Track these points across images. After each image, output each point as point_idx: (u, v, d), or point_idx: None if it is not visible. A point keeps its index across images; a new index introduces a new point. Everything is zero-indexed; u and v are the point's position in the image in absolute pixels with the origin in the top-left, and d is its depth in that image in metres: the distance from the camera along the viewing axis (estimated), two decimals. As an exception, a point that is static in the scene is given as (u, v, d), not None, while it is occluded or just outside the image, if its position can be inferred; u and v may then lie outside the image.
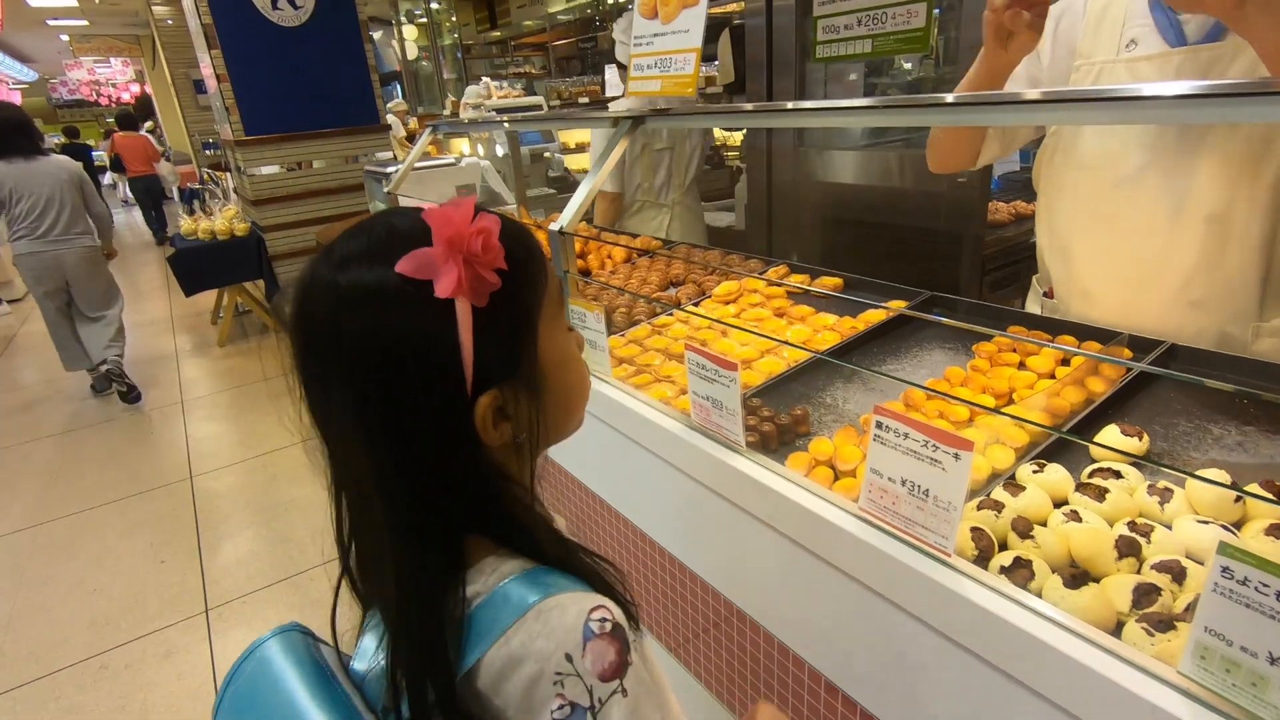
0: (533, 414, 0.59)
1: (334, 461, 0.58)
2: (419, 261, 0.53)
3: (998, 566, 0.77)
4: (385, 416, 0.53)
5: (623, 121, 1.37)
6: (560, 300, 0.64)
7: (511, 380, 0.57)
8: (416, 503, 0.55)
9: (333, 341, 0.54)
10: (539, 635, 0.52)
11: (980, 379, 1.18)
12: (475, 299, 0.54)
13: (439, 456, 0.55)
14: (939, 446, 0.76)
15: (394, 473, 0.55)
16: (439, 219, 0.54)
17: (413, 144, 3.93)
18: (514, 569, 0.56)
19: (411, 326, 0.53)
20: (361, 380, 0.53)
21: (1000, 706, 0.73)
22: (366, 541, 0.59)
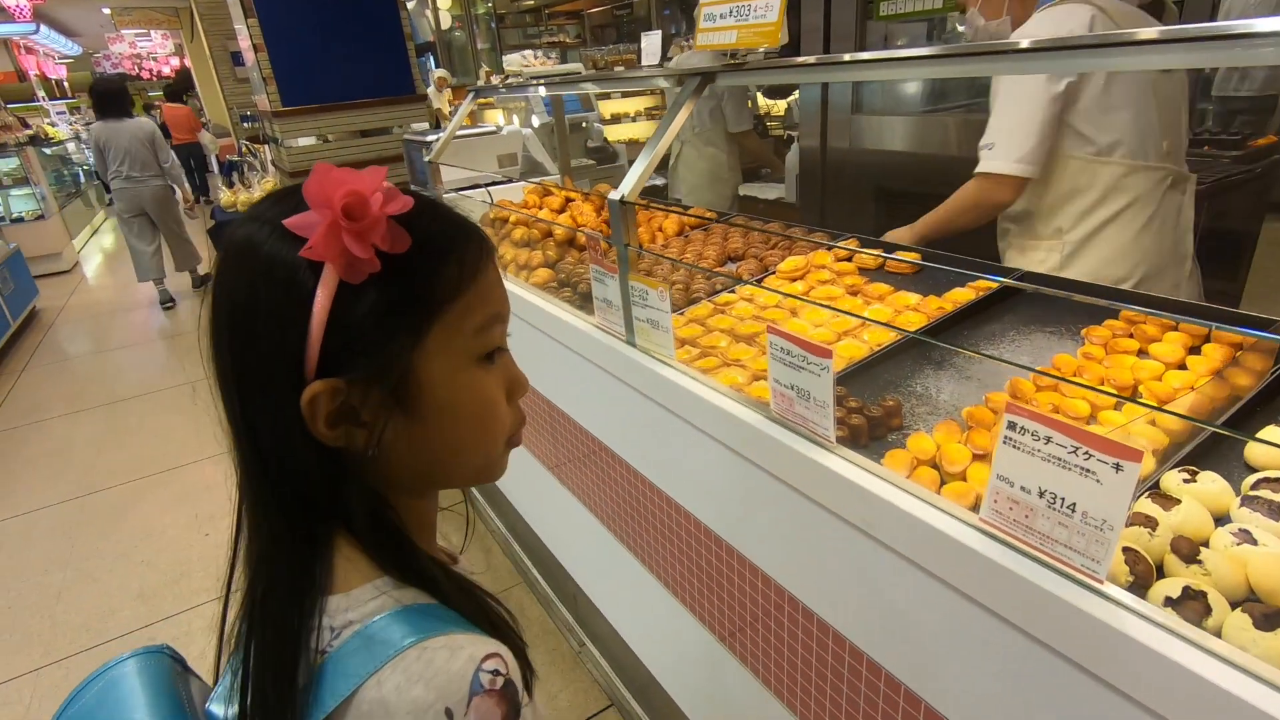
0: (387, 426, 0.52)
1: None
2: (306, 219, 0.49)
3: (1161, 597, 0.65)
4: (239, 380, 0.51)
5: (689, 79, 1.25)
6: (485, 326, 0.56)
7: (370, 381, 0.50)
8: (267, 491, 0.52)
9: (218, 295, 0.52)
10: (418, 680, 0.45)
11: (1096, 368, 1.05)
12: (346, 272, 0.49)
13: (280, 435, 0.51)
14: (1093, 454, 0.64)
15: (249, 450, 0.52)
16: (317, 175, 0.49)
17: (450, 115, 3.81)
18: (400, 600, 0.50)
19: (274, 280, 0.49)
20: (229, 337, 0.51)
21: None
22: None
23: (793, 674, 1.12)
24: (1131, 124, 1.51)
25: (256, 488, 0.52)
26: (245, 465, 0.53)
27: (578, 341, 1.50)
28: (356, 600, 0.50)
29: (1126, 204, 1.53)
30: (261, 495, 0.52)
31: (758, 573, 1.13)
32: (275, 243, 0.50)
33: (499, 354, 0.58)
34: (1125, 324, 1.15)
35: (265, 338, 0.49)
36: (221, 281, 0.51)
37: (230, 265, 0.51)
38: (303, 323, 0.48)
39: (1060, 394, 1.00)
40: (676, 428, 1.22)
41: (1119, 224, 1.55)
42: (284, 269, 0.49)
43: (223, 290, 0.51)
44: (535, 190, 2.27)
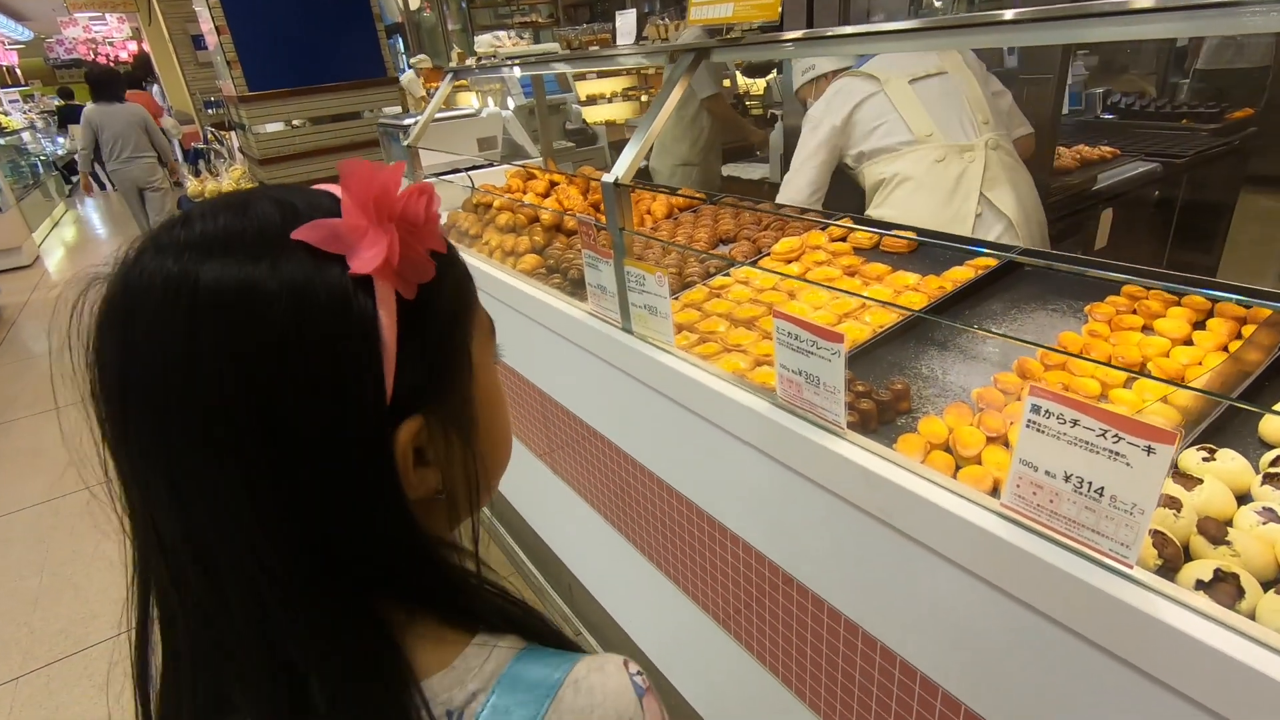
0: (467, 459, 0.46)
1: (174, 540, 0.40)
2: (329, 229, 0.39)
3: (1192, 580, 0.64)
4: (273, 464, 0.38)
5: (683, 56, 1.20)
6: (491, 328, 0.52)
7: (438, 410, 0.44)
8: (321, 581, 0.40)
9: (183, 365, 0.37)
10: (592, 711, 0.43)
11: (1103, 346, 1.03)
12: (403, 286, 0.41)
13: (354, 514, 0.41)
14: (1123, 437, 0.62)
15: (291, 538, 0.39)
16: (360, 173, 0.40)
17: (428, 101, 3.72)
18: (511, 647, 0.46)
19: (320, 316, 0.38)
20: (240, 415, 0.37)
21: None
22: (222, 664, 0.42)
23: (801, 661, 1.11)
24: (889, 130, 1.93)
25: (305, 582, 0.40)
26: (283, 558, 0.40)
27: (570, 329, 1.47)
28: (466, 670, 0.44)
29: (899, 181, 1.92)
30: (312, 588, 0.40)
31: (764, 560, 1.11)
32: (293, 269, 0.38)
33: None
34: (1128, 300, 1.14)
35: (328, 389, 0.38)
36: (204, 345, 0.37)
37: (218, 317, 0.37)
38: (374, 357, 0.39)
39: (1069, 373, 0.99)
40: (676, 415, 1.19)
41: (896, 198, 1.93)
42: (330, 298, 0.39)
43: (216, 357, 0.37)
44: (518, 174, 2.21)
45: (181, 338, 0.37)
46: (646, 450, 1.36)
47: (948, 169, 1.88)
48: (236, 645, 0.41)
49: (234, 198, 0.42)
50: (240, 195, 0.42)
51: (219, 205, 0.41)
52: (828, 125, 1.99)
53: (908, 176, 1.91)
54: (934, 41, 1.21)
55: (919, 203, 1.91)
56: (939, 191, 1.89)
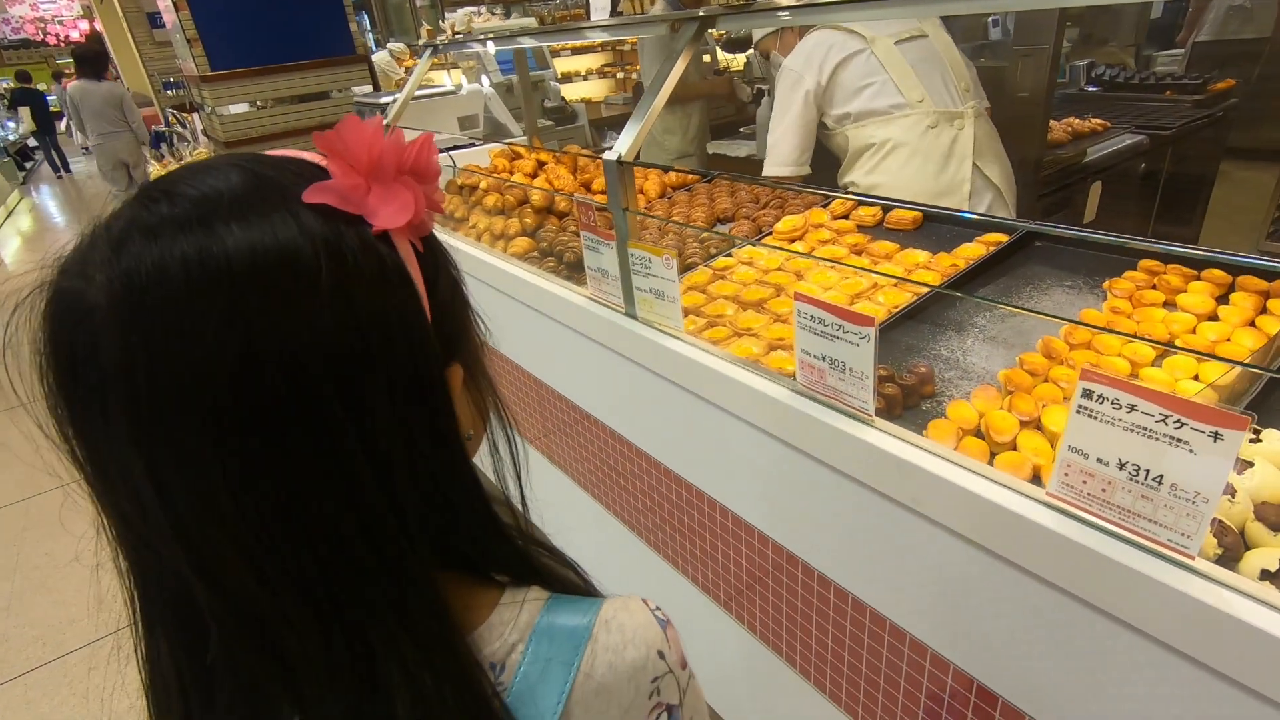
0: (493, 399, 0.50)
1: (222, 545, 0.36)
2: (334, 190, 0.37)
3: (1256, 570, 0.61)
4: (348, 429, 0.36)
5: (686, 24, 1.14)
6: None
7: (461, 356, 0.46)
8: (394, 532, 0.39)
9: (237, 353, 0.33)
10: (623, 647, 0.45)
11: (1127, 324, 1.01)
12: (417, 240, 0.41)
13: (431, 471, 0.41)
14: (1186, 423, 0.59)
15: (386, 511, 0.38)
16: (354, 130, 0.38)
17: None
18: (539, 598, 0.48)
19: (367, 280, 0.37)
20: (309, 387, 0.35)
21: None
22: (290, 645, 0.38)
23: (821, 652, 1.08)
24: (878, 92, 1.83)
25: (377, 541, 0.39)
26: (357, 513, 0.38)
27: (568, 314, 1.41)
28: (502, 624, 0.45)
29: (891, 148, 1.84)
30: (388, 546, 0.39)
31: (782, 551, 1.08)
32: (318, 226, 0.36)
33: None
34: (1146, 275, 1.11)
35: (394, 347, 0.38)
36: (253, 332, 0.33)
37: (259, 297, 0.34)
38: (419, 308, 0.40)
39: (1096, 351, 0.96)
40: (687, 403, 1.14)
41: (887, 165, 1.86)
42: (364, 254, 0.37)
43: (273, 335, 0.34)
44: (503, 153, 2.13)
45: (222, 325, 0.33)
46: (653, 439, 1.31)
47: (940, 136, 1.83)
48: (294, 638, 0.38)
49: (205, 164, 0.38)
50: (211, 161, 0.38)
51: (194, 172, 0.37)
52: (811, 81, 1.86)
53: (901, 143, 1.83)
54: (931, 7, 1.16)
55: (911, 171, 1.84)
56: (932, 160, 1.84)
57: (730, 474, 1.14)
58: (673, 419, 1.22)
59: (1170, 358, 0.93)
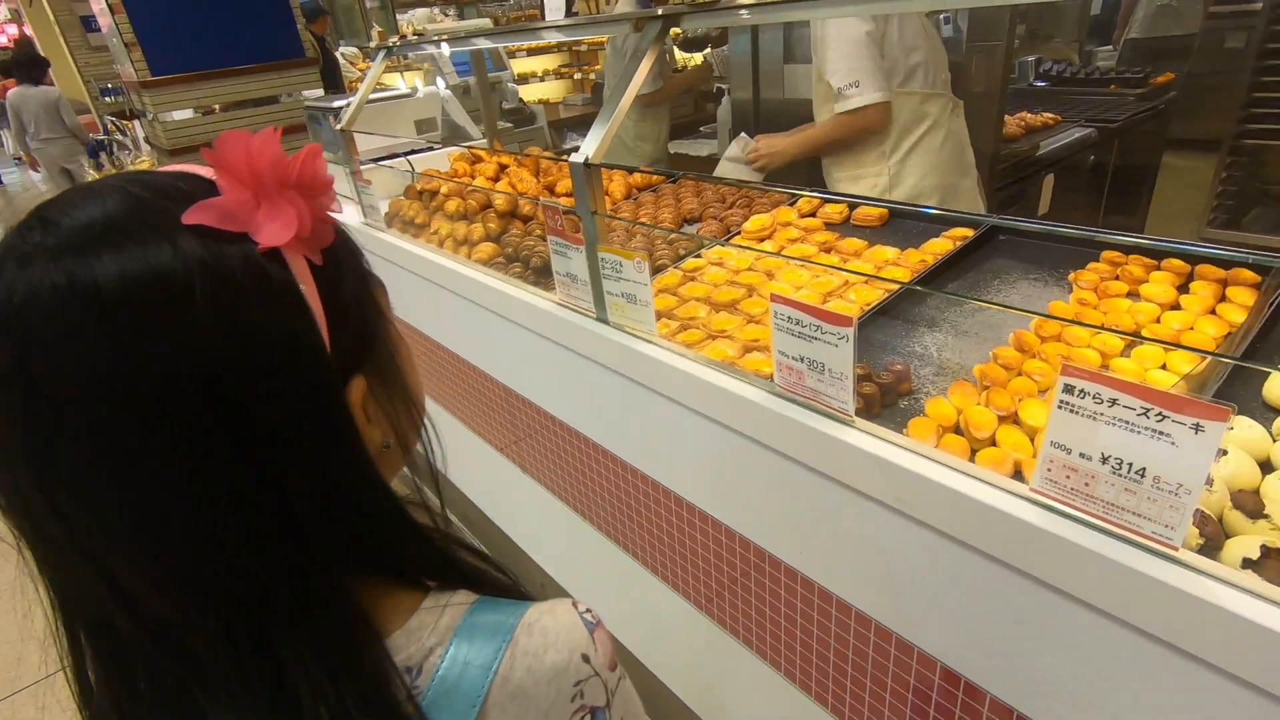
0: (405, 406, 0.49)
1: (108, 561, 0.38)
2: (218, 208, 0.37)
3: (1238, 559, 0.62)
4: (232, 455, 0.37)
5: (650, 23, 1.12)
6: (380, 281, 0.52)
7: (368, 368, 0.46)
8: (286, 552, 0.40)
9: (107, 379, 0.34)
10: (544, 651, 0.45)
11: (1094, 314, 1.02)
12: (311, 253, 0.41)
13: (326, 486, 0.41)
14: (1168, 415, 0.59)
15: (252, 519, 0.39)
16: (239, 146, 0.38)
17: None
18: (463, 602, 0.47)
19: (249, 297, 0.37)
20: (185, 414, 0.35)
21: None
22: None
23: (806, 653, 1.07)
24: (922, 60, 1.78)
25: (278, 567, 0.40)
26: (247, 537, 0.39)
27: (537, 321, 1.38)
28: (422, 626, 0.45)
29: (929, 126, 1.82)
30: (286, 572, 0.40)
31: (762, 553, 1.07)
32: (196, 250, 0.36)
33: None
34: (1109, 266, 1.13)
35: (275, 367, 0.38)
36: (121, 360, 0.34)
37: (129, 324, 0.34)
38: (310, 327, 0.39)
39: (1066, 344, 0.97)
40: (663, 408, 1.13)
41: (925, 144, 1.83)
42: (247, 274, 0.37)
43: (142, 362, 0.34)
44: (463, 157, 2.08)
45: (103, 351, 0.34)
46: (628, 445, 1.29)
47: (957, 120, 1.84)
48: (203, 648, 0.39)
49: (89, 188, 0.38)
50: (95, 185, 0.38)
51: (75, 198, 0.37)
52: (869, 22, 1.71)
53: (938, 123, 1.81)
54: (896, 4, 1.16)
55: (947, 154, 1.83)
56: (961, 143, 1.85)
57: (709, 478, 1.12)
58: (648, 424, 1.20)
59: (1138, 348, 0.94)
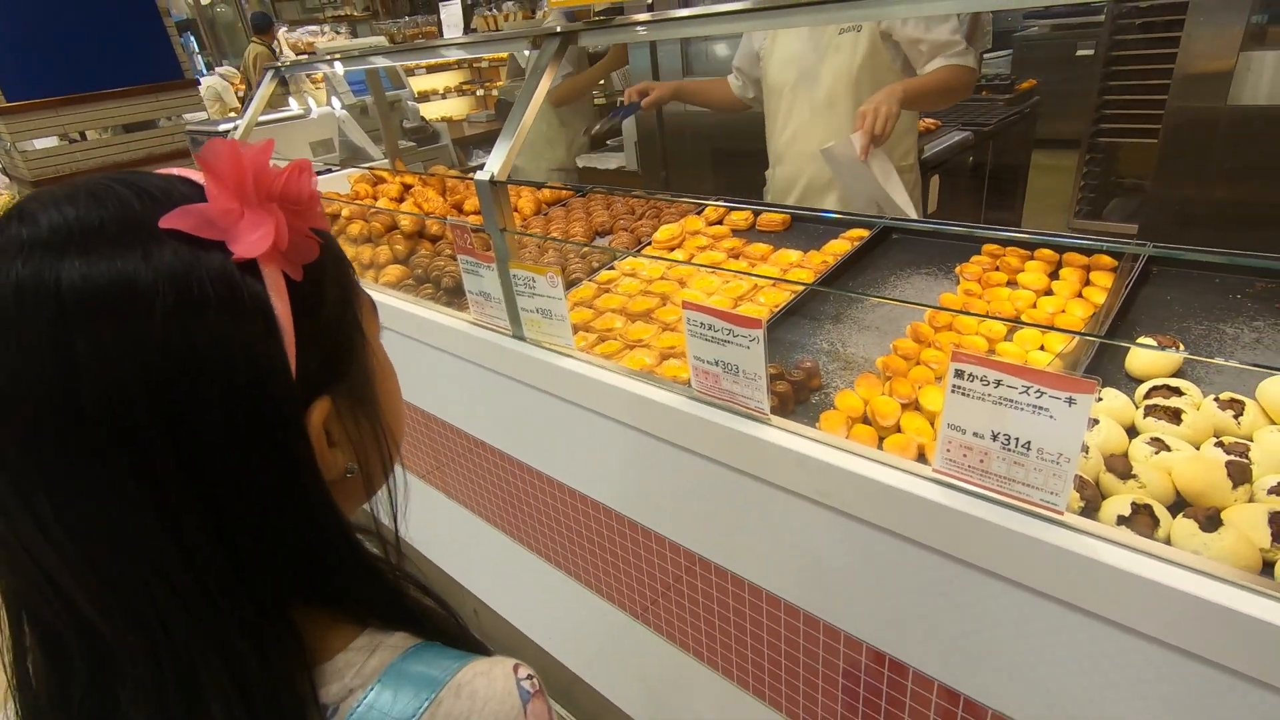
0: (374, 432, 0.47)
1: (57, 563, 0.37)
2: (200, 214, 0.37)
3: (1113, 517, 0.68)
4: (182, 470, 0.36)
5: (548, 40, 1.13)
6: (371, 302, 0.52)
7: (340, 390, 0.44)
8: (221, 575, 0.39)
9: (58, 381, 0.34)
10: (470, 715, 0.43)
11: (979, 304, 1.10)
12: (290, 268, 0.40)
13: (276, 509, 0.40)
14: (1045, 392, 0.65)
15: (207, 549, 0.38)
16: (226, 154, 0.38)
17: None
18: (397, 647, 0.45)
19: (211, 308, 0.36)
20: (137, 425, 0.35)
21: (1144, 676, 0.65)
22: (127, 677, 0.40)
23: (741, 650, 1.10)
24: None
25: (201, 575, 0.38)
26: (180, 557, 0.37)
27: (452, 342, 1.35)
28: (347, 666, 0.43)
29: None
30: (212, 581, 0.39)
31: (692, 556, 1.09)
32: (169, 259, 0.36)
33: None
34: (990, 258, 1.22)
35: (230, 386, 0.37)
36: (80, 356, 0.34)
37: (86, 328, 0.34)
38: (275, 344, 0.38)
39: (957, 332, 1.05)
40: (584, 420, 1.13)
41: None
42: (216, 286, 0.36)
43: (97, 368, 0.34)
44: (365, 178, 2.02)
45: (50, 349, 0.34)
46: (551, 460, 1.29)
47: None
48: (129, 663, 0.39)
49: (77, 186, 0.38)
50: (84, 183, 0.38)
51: (60, 196, 0.37)
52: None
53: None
54: (791, 19, 1.23)
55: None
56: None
57: (635, 486, 1.13)
58: (572, 438, 1.20)
59: (1019, 332, 1.02)
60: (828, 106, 1.78)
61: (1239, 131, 1.78)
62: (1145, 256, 1.11)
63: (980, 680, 0.80)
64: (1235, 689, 0.60)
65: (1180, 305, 1.04)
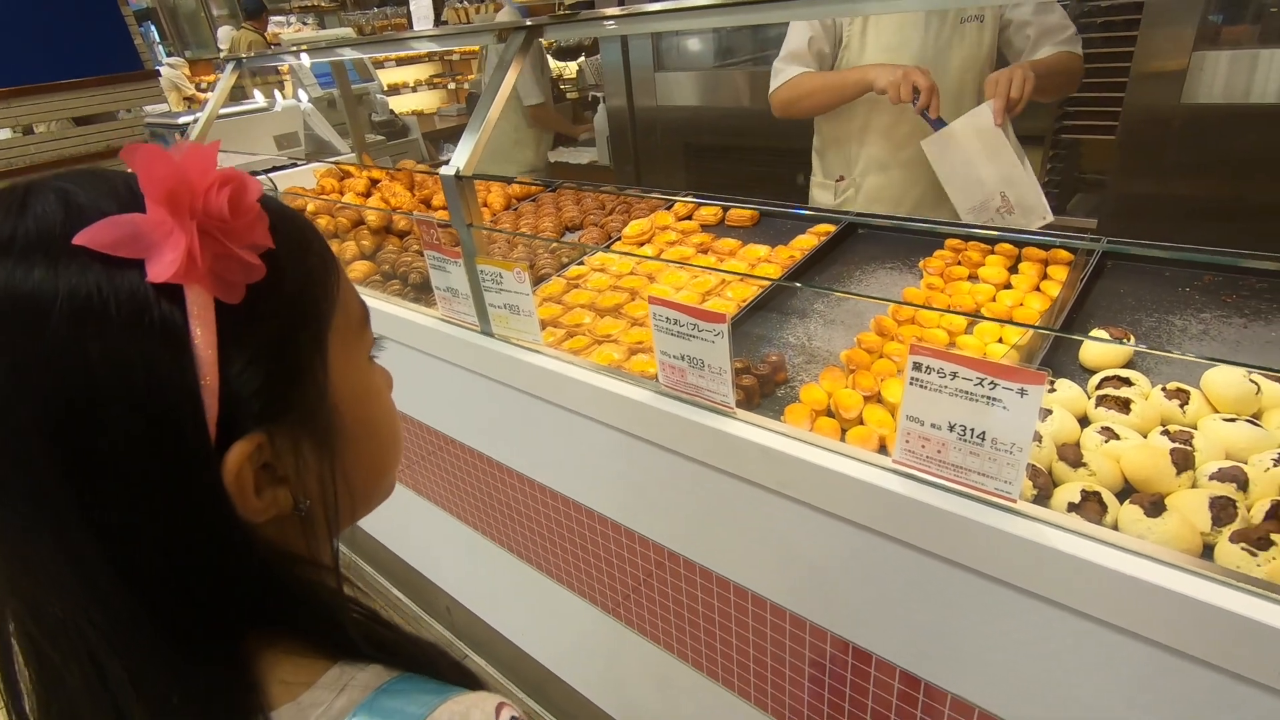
0: (324, 472, 0.42)
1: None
2: (121, 230, 0.34)
3: (1064, 504, 0.70)
4: (81, 504, 0.34)
5: (513, 34, 1.12)
6: (364, 319, 0.49)
7: (285, 420, 0.40)
8: (148, 629, 0.37)
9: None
10: None
11: (941, 298, 1.12)
12: (222, 290, 0.36)
13: (185, 551, 0.37)
14: (998, 383, 0.66)
15: (101, 585, 0.36)
16: (152, 160, 0.36)
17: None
18: (369, 684, 0.42)
19: (114, 334, 0.34)
20: (31, 453, 0.33)
21: (1097, 658, 0.67)
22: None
23: (710, 641, 1.11)
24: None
25: (133, 631, 0.36)
26: (98, 603, 0.36)
27: (419, 338, 1.34)
28: (315, 704, 0.40)
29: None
30: (146, 645, 0.37)
31: (661, 550, 1.09)
32: (76, 277, 0.33)
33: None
34: (952, 253, 1.25)
35: (131, 419, 0.34)
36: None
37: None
38: (187, 376, 0.35)
39: (920, 325, 1.06)
40: (552, 416, 1.13)
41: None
42: (122, 310, 0.34)
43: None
44: (330, 173, 1.99)
45: None
46: (521, 456, 1.28)
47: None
48: (80, 698, 0.37)
49: (15, 189, 0.36)
50: (22, 186, 0.36)
51: (4, 199, 0.35)
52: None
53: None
54: (766, 14, 1.23)
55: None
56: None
57: (605, 481, 1.14)
58: (540, 433, 1.20)
59: (979, 325, 1.05)
60: (954, 102, 1.60)
61: (1192, 129, 1.83)
62: (1100, 251, 1.14)
63: (939, 665, 0.82)
64: (1179, 669, 0.62)
65: (1133, 298, 1.07)
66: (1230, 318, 0.99)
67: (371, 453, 0.48)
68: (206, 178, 0.36)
